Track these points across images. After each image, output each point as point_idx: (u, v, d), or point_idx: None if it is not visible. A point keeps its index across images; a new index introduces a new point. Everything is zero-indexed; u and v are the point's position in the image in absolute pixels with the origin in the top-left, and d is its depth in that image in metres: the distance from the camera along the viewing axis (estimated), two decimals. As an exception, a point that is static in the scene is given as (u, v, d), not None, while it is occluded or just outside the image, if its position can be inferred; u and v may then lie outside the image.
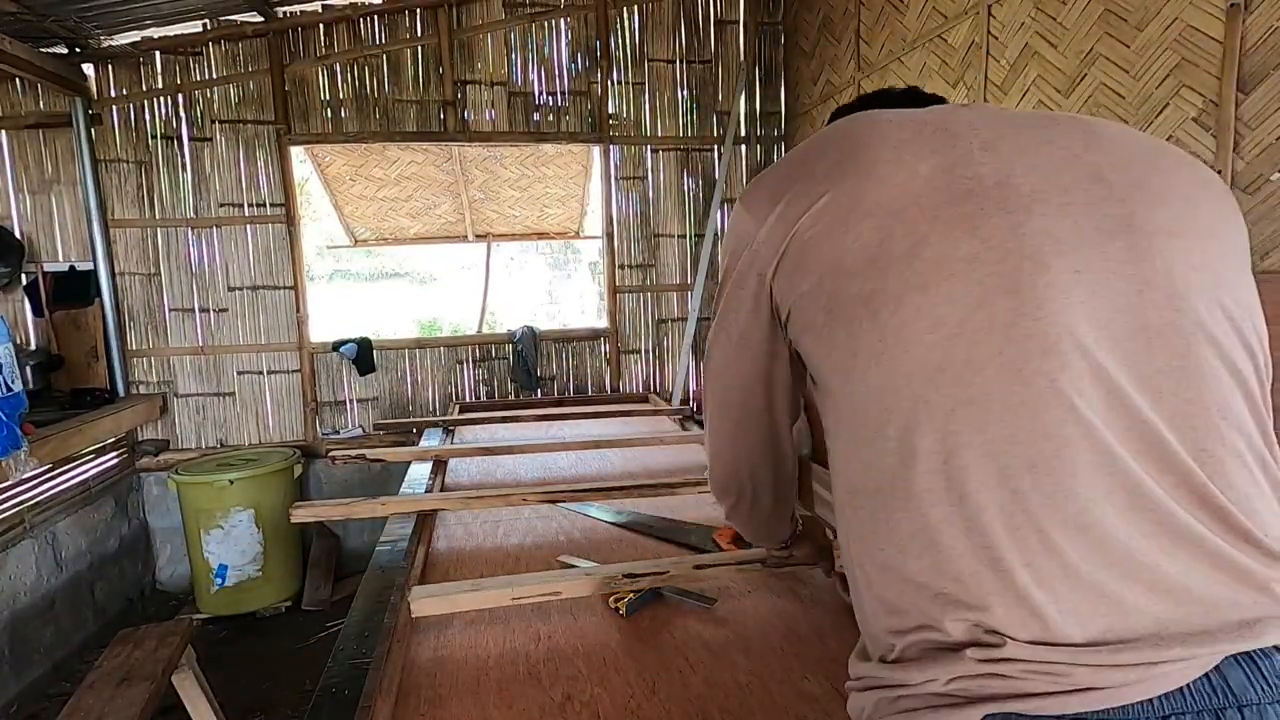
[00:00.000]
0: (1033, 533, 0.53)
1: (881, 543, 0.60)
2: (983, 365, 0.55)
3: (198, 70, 3.57)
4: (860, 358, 0.60)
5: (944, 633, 0.56)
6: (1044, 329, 0.55)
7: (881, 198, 0.60)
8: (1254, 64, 1.61)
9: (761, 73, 4.06)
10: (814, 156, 0.66)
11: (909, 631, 0.58)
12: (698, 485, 1.85)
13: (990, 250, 0.57)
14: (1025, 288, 0.56)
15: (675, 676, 1.04)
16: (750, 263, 0.69)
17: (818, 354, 0.65)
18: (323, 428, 3.89)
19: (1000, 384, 0.55)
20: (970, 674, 0.54)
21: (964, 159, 0.61)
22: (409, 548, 1.49)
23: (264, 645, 3.17)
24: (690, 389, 4.10)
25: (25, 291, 3.50)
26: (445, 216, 4.86)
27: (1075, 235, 0.57)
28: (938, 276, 0.57)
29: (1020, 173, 0.60)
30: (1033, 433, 0.54)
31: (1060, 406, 0.54)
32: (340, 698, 0.96)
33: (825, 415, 0.68)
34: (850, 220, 0.61)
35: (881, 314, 0.58)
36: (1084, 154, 0.62)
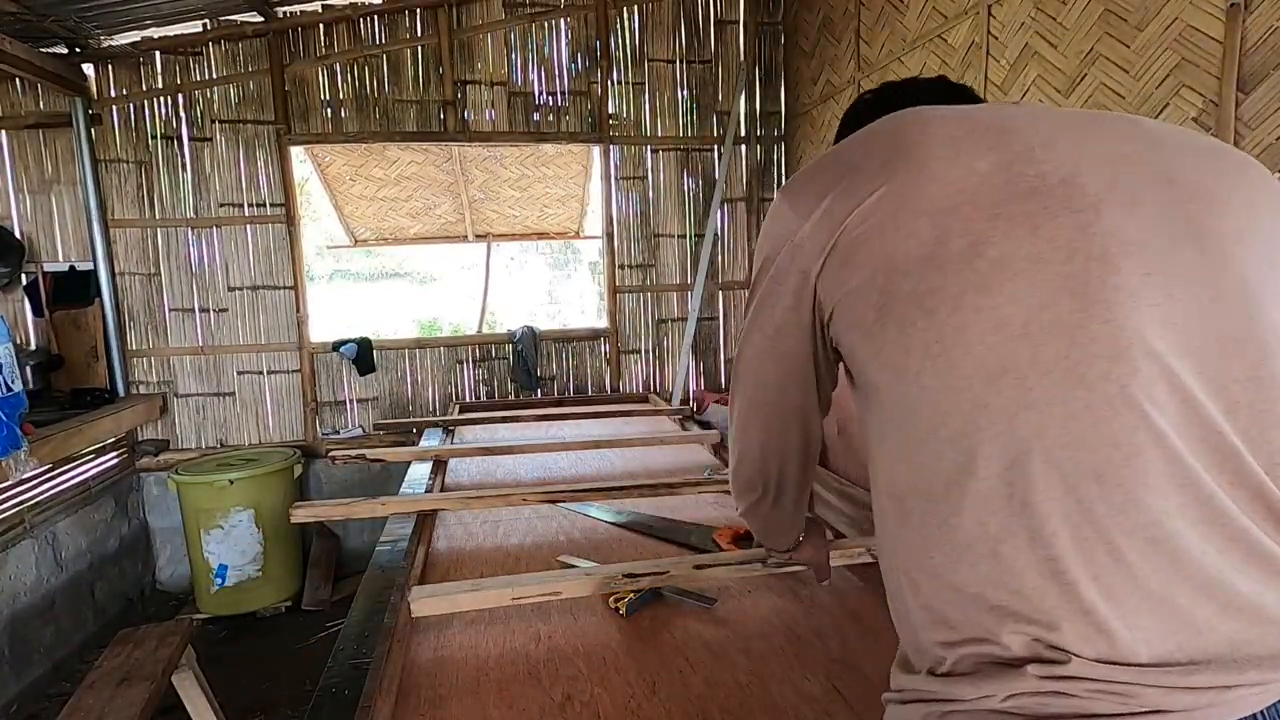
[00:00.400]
0: (1100, 545, 0.51)
1: (932, 549, 0.58)
2: (1048, 369, 0.53)
3: (198, 70, 3.57)
4: (914, 357, 0.58)
5: (1001, 646, 0.53)
6: (1113, 332, 0.53)
7: (936, 195, 0.58)
8: (1254, 64, 1.61)
9: (761, 73, 4.06)
10: (862, 153, 0.65)
11: (961, 644, 0.56)
12: (698, 485, 1.85)
13: (1056, 250, 0.55)
14: (1093, 289, 0.54)
15: (675, 676, 1.04)
16: (792, 258, 0.67)
17: (864, 352, 0.63)
18: (323, 428, 3.89)
19: (1066, 389, 0.53)
20: (1030, 691, 0.52)
21: (1024, 156, 0.59)
22: (409, 548, 1.49)
23: (264, 645, 3.17)
24: (690, 389, 4.10)
25: (25, 291, 3.50)
26: (445, 216, 4.86)
27: (1145, 237, 0.56)
28: (1000, 276, 0.55)
29: (1086, 171, 0.58)
30: (1101, 440, 0.52)
31: (1131, 414, 0.52)
32: (340, 698, 0.96)
33: (868, 414, 0.66)
34: (902, 217, 0.59)
35: (939, 314, 0.56)
36: (1149, 155, 0.61)
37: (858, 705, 0.97)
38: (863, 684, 1.02)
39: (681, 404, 3.76)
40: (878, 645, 1.13)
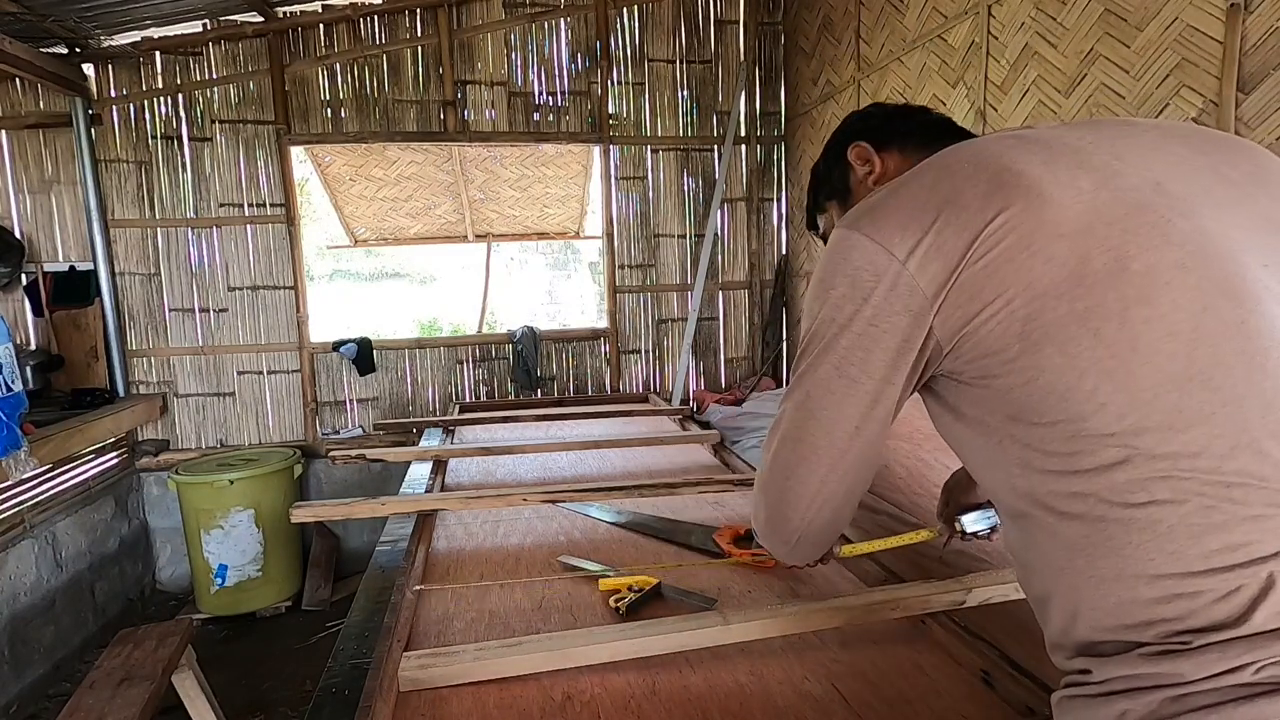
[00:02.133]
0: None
1: (1130, 554, 0.58)
2: (1231, 366, 0.56)
3: (198, 70, 3.57)
4: (1088, 377, 0.58)
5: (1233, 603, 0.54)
6: (1270, 324, 0.57)
7: (1063, 218, 0.60)
8: (1254, 64, 1.61)
9: (761, 73, 4.06)
10: (948, 184, 0.65)
11: (1177, 619, 0.56)
12: (698, 485, 1.85)
13: (1191, 255, 0.58)
14: (1237, 286, 0.58)
15: (675, 676, 1.04)
16: (895, 298, 0.66)
17: (1008, 380, 0.63)
18: (323, 428, 3.89)
19: (1254, 381, 0.56)
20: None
21: (1110, 172, 0.62)
22: (409, 548, 1.49)
23: (264, 645, 3.17)
24: (690, 389, 4.10)
25: (25, 291, 3.51)
26: (445, 216, 4.86)
27: (1243, 234, 0.60)
28: (1154, 286, 0.58)
29: (1166, 178, 0.62)
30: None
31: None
32: (340, 698, 0.96)
33: (999, 435, 0.66)
34: (1036, 242, 0.60)
35: (1105, 331, 0.58)
36: (1194, 156, 0.65)
37: (858, 705, 0.97)
38: (863, 684, 1.02)
39: (681, 404, 3.76)
40: (877, 646, 1.13)
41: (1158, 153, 0.65)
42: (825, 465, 0.76)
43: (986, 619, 1.10)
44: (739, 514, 1.77)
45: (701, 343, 4.17)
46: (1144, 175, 0.62)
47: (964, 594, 1.12)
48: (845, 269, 0.69)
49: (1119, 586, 0.58)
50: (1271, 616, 0.53)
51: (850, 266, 0.69)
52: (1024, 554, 0.68)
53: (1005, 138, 0.68)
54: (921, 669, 1.05)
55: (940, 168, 0.68)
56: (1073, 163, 0.63)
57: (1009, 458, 0.65)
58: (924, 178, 0.68)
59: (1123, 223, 0.60)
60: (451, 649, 1.06)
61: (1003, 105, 2.36)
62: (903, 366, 0.68)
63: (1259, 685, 0.52)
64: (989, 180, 0.63)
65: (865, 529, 1.49)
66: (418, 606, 1.30)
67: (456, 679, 1.03)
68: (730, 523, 1.66)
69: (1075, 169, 0.62)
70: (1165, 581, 0.56)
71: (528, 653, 1.04)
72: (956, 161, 0.67)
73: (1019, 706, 0.94)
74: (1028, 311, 0.60)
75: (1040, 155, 0.64)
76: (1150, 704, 0.55)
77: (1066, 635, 0.63)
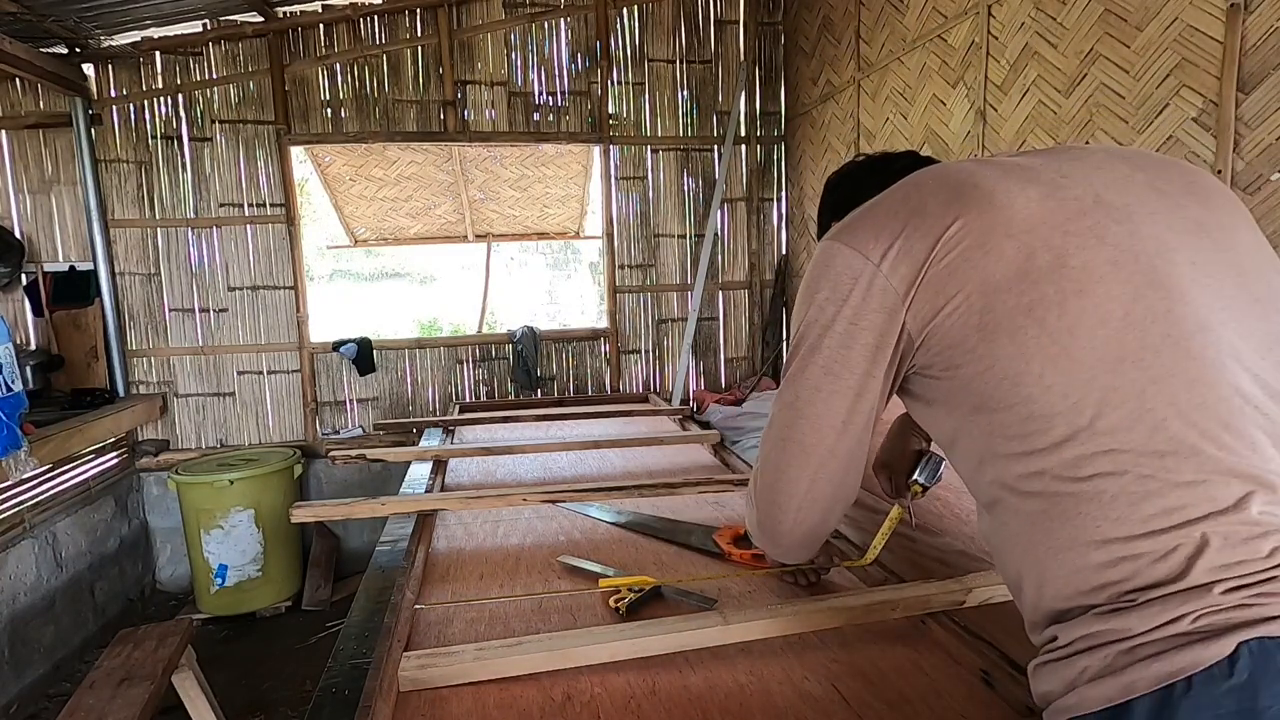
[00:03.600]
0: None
1: (1080, 523, 0.63)
2: (1158, 348, 0.63)
3: (198, 70, 3.57)
4: (1034, 362, 0.65)
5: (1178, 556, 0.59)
6: (1194, 311, 0.65)
7: (1012, 220, 0.69)
8: (1254, 64, 1.61)
9: (761, 73, 4.06)
10: (915, 197, 0.74)
11: (1124, 580, 0.61)
12: (698, 485, 1.85)
13: (1123, 253, 0.67)
14: (1164, 279, 0.65)
15: (675, 676, 1.04)
16: (870, 297, 0.74)
17: (971, 369, 0.70)
18: (323, 428, 3.89)
19: (1179, 361, 0.63)
20: (1219, 607, 0.57)
21: (1057, 184, 0.71)
22: (409, 548, 1.49)
23: (264, 645, 3.17)
24: (690, 389, 4.10)
25: (25, 291, 3.51)
26: (445, 216, 4.86)
27: (1173, 236, 0.69)
28: (1090, 280, 0.65)
29: (1105, 191, 0.71)
30: (1216, 396, 0.62)
31: (1228, 372, 0.63)
32: (340, 698, 0.96)
33: (971, 424, 0.72)
34: (990, 242, 0.68)
35: (1048, 320, 0.65)
36: (1133, 173, 0.74)
37: (858, 705, 0.97)
38: (863, 684, 1.02)
39: (681, 404, 3.76)
40: (877, 646, 1.13)
41: (1100, 171, 0.74)
42: (815, 463, 0.82)
43: (986, 619, 1.10)
44: (739, 514, 1.77)
45: (701, 343, 4.17)
46: (1085, 188, 0.71)
47: (964, 594, 1.12)
48: (828, 275, 0.77)
49: (1073, 555, 0.63)
50: (1206, 571, 0.58)
51: (832, 273, 0.76)
52: (996, 539, 0.74)
53: (969, 161, 0.78)
54: (921, 669, 1.05)
55: (910, 185, 0.77)
56: (1024, 178, 0.72)
57: (978, 447, 0.72)
58: (895, 194, 0.77)
59: (1064, 226, 0.68)
60: (452, 649, 1.06)
61: (1003, 105, 2.36)
62: (881, 360, 0.76)
63: (1195, 633, 0.57)
64: (950, 192, 0.72)
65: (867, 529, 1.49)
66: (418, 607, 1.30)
67: (457, 679, 1.03)
68: (730, 523, 1.66)
69: (1025, 182, 0.71)
70: (1112, 546, 0.61)
71: (528, 653, 1.04)
72: (924, 179, 0.76)
73: (1019, 706, 0.94)
74: (983, 304, 0.68)
75: (996, 172, 0.73)
76: (1106, 658, 0.60)
77: (1037, 610, 0.68)
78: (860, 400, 0.79)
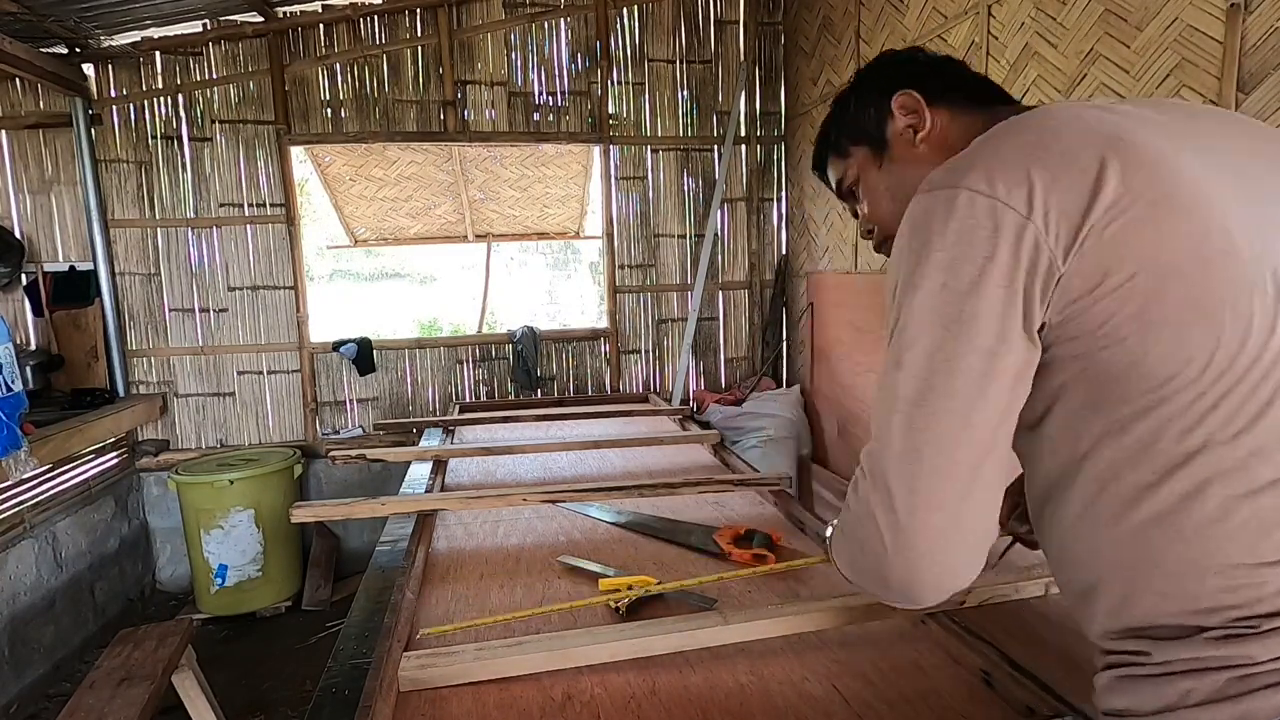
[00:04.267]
0: None
1: (1201, 545, 0.58)
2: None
3: (198, 70, 3.57)
4: (1194, 364, 0.57)
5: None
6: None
7: (1180, 191, 0.59)
8: (1254, 64, 1.61)
9: (761, 73, 4.06)
10: (1063, 146, 0.61)
11: (1244, 606, 0.57)
12: (698, 485, 1.85)
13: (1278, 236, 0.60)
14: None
15: (675, 676, 1.04)
16: (1016, 255, 0.60)
17: (1107, 360, 0.60)
18: (323, 428, 3.89)
19: None
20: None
21: (1198, 150, 0.62)
22: (409, 548, 1.49)
23: (264, 645, 3.17)
24: (690, 389, 4.10)
25: (25, 291, 3.51)
26: (445, 216, 4.86)
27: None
28: (1261, 271, 0.58)
29: (1246, 156, 0.64)
30: None
31: None
32: (340, 698, 0.96)
33: (1070, 418, 0.63)
34: (1161, 215, 0.58)
35: (1221, 316, 0.57)
36: (1255, 144, 0.67)
37: (858, 705, 0.97)
38: (863, 684, 1.02)
39: (681, 404, 3.76)
40: (878, 646, 1.13)
41: (1219, 136, 0.66)
42: (966, 472, 0.63)
43: (986, 619, 1.10)
44: (739, 514, 1.77)
45: (701, 343, 4.17)
46: (1226, 154, 0.63)
47: (964, 594, 1.12)
48: (952, 227, 0.62)
49: (1187, 576, 0.59)
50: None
51: (961, 224, 0.62)
52: (1071, 543, 0.66)
53: (1095, 108, 0.65)
54: (921, 669, 1.05)
55: (1042, 129, 0.63)
56: (1179, 143, 0.62)
57: (1080, 444, 0.63)
58: (1026, 135, 0.64)
59: (1229, 203, 0.59)
60: (452, 649, 1.06)
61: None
62: (1030, 333, 0.62)
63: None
64: (1105, 146, 0.60)
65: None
66: (418, 607, 1.30)
67: (457, 679, 1.03)
68: (730, 523, 1.66)
69: (1180, 149, 0.61)
70: (1236, 571, 0.57)
71: (529, 652, 1.04)
72: (1059, 123, 0.63)
73: (1019, 706, 0.94)
74: (1148, 288, 0.58)
75: (1149, 130, 0.62)
76: (1215, 683, 0.57)
77: (1114, 619, 0.63)
78: (1019, 383, 0.63)
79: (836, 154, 0.91)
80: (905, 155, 0.83)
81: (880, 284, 3.04)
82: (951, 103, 0.82)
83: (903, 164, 0.83)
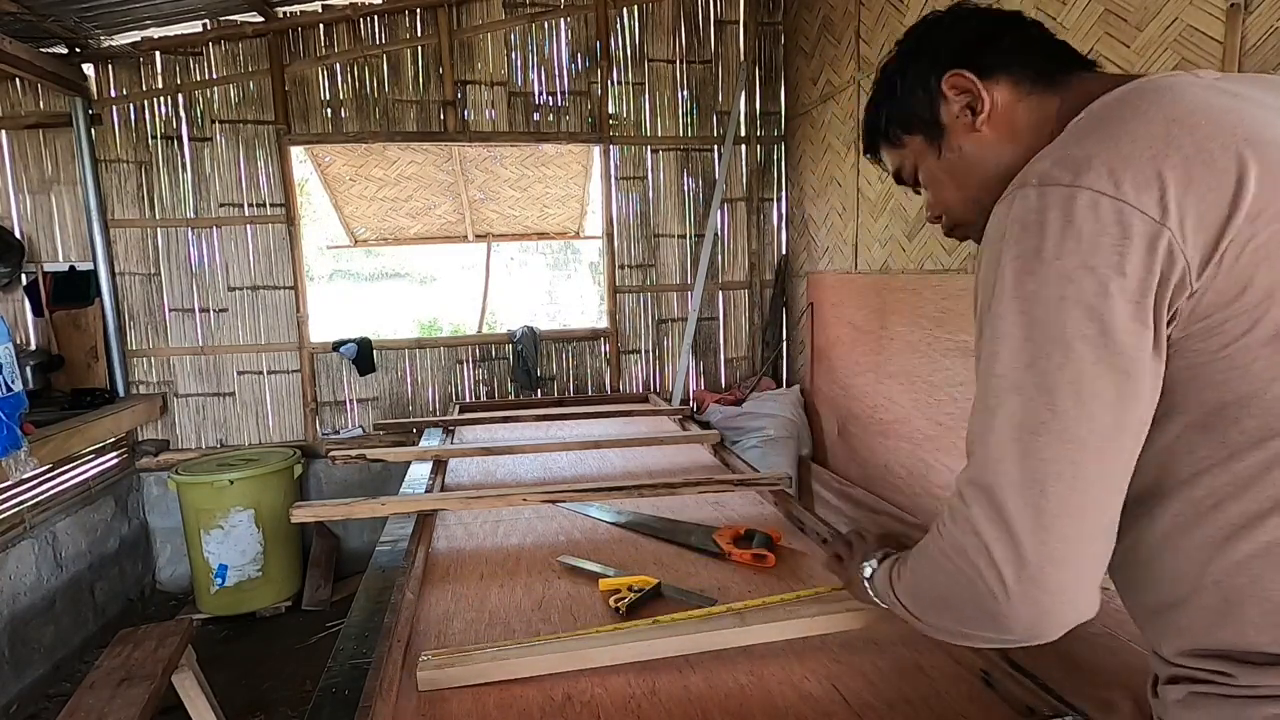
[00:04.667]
0: None
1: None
2: None
3: (198, 70, 3.57)
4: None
5: None
6: None
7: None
8: (1254, 64, 1.60)
9: (761, 73, 4.06)
10: (1193, 142, 0.55)
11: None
12: (698, 485, 1.85)
13: None
14: None
15: (675, 676, 1.04)
16: (1149, 265, 0.54)
17: (1235, 388, 0.56)
18: (323, 428, 3.89)
19: None
20: None
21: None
22: (409, 548, 1.49)
23: (264, 645, 3.17)
24: (690, 389, 4.10)
25: (25, 291, 3.51)
26: (445, 216, 4.86)
27: None
28: None
29: None
30: None
31: None
32: (340, 698, 0.96)
33: (1171, 441, 0.60)
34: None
35: None
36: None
37: (858, 706, 0.97)
38: (863, 684, 1.02)
39: (681, 404, 3.76)
40: (878, 646, 1.13)
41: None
42: (1099, 499, 0.59)
43: (986, 619, 1.10)
44: (739, 514, 1.77)
45: (701, 343, 4.17)
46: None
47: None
48: (1078, 235, 0.55)
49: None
50: None
51: (1085, 232, 0.55)
52: (1149, 559, 0.64)
53: (1216, 91, 0.59)
54: (921, 669, 1.05)
55: (1168, 118, 0.57)
56: (1265, 122, 0.56)
57: (1178, 466, 0.60)
58: (1149, 124, 0.57)
59: None
60: (469, 649, 1.06)
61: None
62: (1161, 347, 0.56)
63: None
64: (1243, 143, 0.54)
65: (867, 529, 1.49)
66: (418, 606, 1.30)
67: (475, 679, 1.02)
68: (730, 523, 1.66)
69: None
70: None
71: (546, 653, 1.03)
72: (1184, 111, 0.57)
73: (1019, 706, 0.94)
74: (1277, 314, 0.53)
75: (1274, 120, 0.57)
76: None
77: (1195, 639, 0.61)
78: (1149, 409, 0.58)
79: (889, 143, 0.83)
80: (966, 140, 0.75)
81: (880, 284, 3.04)
82: (1015, 75, 0.73)
83: (965, 149, 0.75)
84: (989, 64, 0.74)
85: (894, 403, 2.96)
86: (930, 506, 2.73)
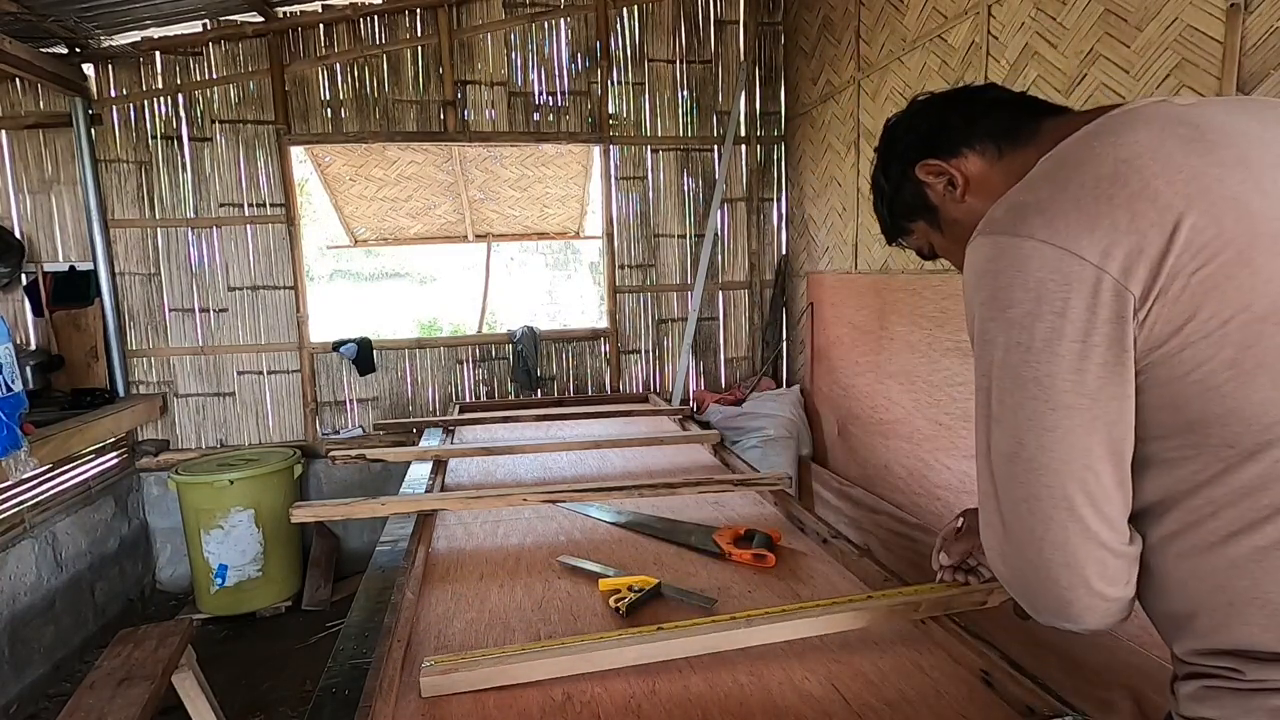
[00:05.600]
0: None
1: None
2: None
3: (198, 70, 3.57)
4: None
5: None
6: None
7: (1270, 226, 0.57)
8: (1254, 64, 1.61)
9: (761, 73, 4.06)
10: (1140, 181, 0.59)
11: None
12: (698, 485, 1.85)
13: None
14: None
15: (675, 677, 1.04)
16: (1093, 307, 0.58)
17: (1213, 408, 0.59)
18: (323, 428, 3.89)
19: None
20: None
21: (1272, 167, 0.60)
22: (409, 548, 1.49)
23: (264, 645, 3.17)
24: (690, 389, 4.10)
25: (25, 291, 3.51)
26: (445, 216, 4.86)
27: None
28: None
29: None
30: None
31: None
32: (340, 698, 0.96)
33: (1187, 461, 0.62)
34: (1253, 254, 0.56)
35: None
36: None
37: (858, 706, 0.97)
38: (863, 684, 1.02)
39: (681, 404, 3.76)
40: (878, 646, 1.13)
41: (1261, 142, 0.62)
42: (1062, 519, 0.63)
43: (986, 619, 1.10)
44: (739, 514, 1.77)
45: (701, 343, 4.17)
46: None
47: (985, 595, 1.11)
48: (1022, 282, 0.61)
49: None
50: None
51: (1030, 278, 0.60)
52: (1154, 568, 0.67)
53: (1180, 125, 0.62)
54: (921, 669, 1.05)
55: (1115, 159, 0.61)
56: (1261, 166, 0.60)
57: (1175, 478, 0.63)
58: (1096, 168, 0.61)
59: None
60: (472, 654, 1.05)
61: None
62: (1127, 374, 0.60)
63: None
64: (1187, 181, 0.58)
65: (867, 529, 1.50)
66: (418, 606, 1.30)
67: (479, 685, 1.01)
68: (730, 523, 1.66)
69: (1265, 172, 0.59)
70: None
71: (549, 658, 1.02)
72: (1134, 154, 0.61)
73: (1019, 706, 0.94)
74: (1244, 337, 0.57)
75: (1229, 155, 0.60)
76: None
77: (1206, 641, 0.64)
78: (1115, 429, 0.62)
79: (900, 234, 0.95)
80: (957, 211, 0.84)
81: (880, 284, 3.04)
82: (979, 145, 0.80)
83: (959, 219, 0.84)
84: (951, 144, 0.81)
85: (894, 403, 2.96)
86: (930, 506, 2.73)
